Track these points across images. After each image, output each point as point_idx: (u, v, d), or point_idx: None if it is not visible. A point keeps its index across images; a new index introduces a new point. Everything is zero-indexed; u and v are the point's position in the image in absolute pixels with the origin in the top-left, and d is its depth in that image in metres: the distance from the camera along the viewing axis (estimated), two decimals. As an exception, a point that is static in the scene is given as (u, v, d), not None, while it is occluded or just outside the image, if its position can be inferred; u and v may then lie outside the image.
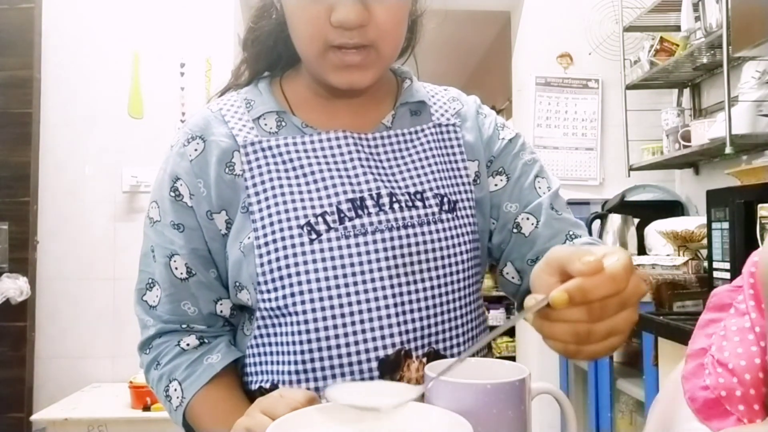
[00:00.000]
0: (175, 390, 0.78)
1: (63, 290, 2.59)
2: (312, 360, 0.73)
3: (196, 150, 0.79)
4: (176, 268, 0.79)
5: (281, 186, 0.75)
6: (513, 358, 3.32)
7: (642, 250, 2.38)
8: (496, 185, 0.85)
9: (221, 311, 0.81)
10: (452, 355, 0.77)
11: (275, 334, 0.76)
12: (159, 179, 0.82)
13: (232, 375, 0.80)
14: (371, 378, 0.72)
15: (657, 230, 2.27)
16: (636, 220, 2.54)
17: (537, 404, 0.62)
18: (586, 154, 2.79)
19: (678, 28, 2.49)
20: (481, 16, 4.01)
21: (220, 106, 0.82)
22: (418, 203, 0.77)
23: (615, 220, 2.51)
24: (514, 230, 0.84)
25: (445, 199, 0.79)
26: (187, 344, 0.80)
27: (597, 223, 2.56)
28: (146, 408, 2.18)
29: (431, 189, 0.79)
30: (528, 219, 0.83)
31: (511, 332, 3.96)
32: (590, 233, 1.71)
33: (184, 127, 0.82)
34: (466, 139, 0.85)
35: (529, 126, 2.80)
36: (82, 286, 2.59)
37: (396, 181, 0.78)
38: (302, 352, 0.73)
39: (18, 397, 2.48)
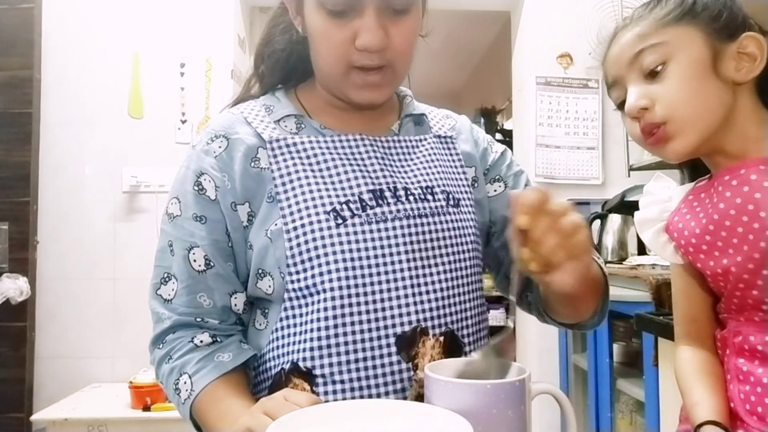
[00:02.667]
0: (185, 383, 0.81)
1: (63, 290, 2.59)
2: (336, 335, 0.77)
3: (220, 147, 0.85)
4: (195, 260, 0.83)
5: (306, 177, 0.82)
6: (513, 358, 3.31)
7: (642, 250, 2.37)
8: (495, 191, 0.97)
9: (235, 305, 0.85)
10: (463, 336, 0.83)
11: (300, 315, 0.80)
12: (181, 176, 0.86)
13: (241, 375, 0.83)
14: (389, 354, 0.77)
15: (657, 230, 2.26)
16: (636, 220, 2.52)
17: (537, 404, 0.63)
18: (588, 153, 2.79)
19: (678, 28, 2.49)
20: (481, 16, 4.01)
21: (241, 110, 0.90)
22: (429, 196, 0.85)
23: (615, 220, 2.51)
24: None
25: (450, 196, 0.88)
26: (201, 341, 0.83)
27: (597, 223, 2.55)
28: (146, 408, 2.18)
29: (438, 186, 0.87)
30: None
31: (511, 332, 3.96)
32: (590, 233, 1.71)
33: (206, 128, 0.89)
34: (463, 149, 0.96)
35: (531, 125, 2.80)
36: (82, 286, 2.59)
37: (408, 178, 0.86)
38: (326, 328, 0.77)
39: (18, 397, 2.48)
